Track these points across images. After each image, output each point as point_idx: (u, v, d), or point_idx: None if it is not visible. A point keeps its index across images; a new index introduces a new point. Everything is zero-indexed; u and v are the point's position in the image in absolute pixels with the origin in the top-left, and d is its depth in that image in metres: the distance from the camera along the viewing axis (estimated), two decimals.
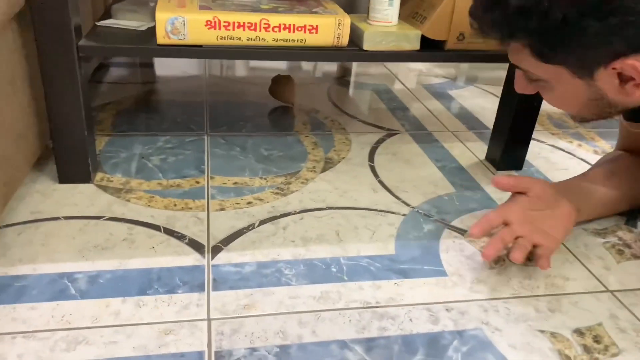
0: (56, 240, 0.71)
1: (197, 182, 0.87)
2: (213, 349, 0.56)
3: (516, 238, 0.68)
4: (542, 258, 0.68)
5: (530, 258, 0.69)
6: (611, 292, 0.69)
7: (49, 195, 0.80)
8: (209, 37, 0.76)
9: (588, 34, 0.55)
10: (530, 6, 0.56)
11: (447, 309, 0.64)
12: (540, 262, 0.68)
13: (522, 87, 0.70)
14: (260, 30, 0.77)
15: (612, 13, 0.54)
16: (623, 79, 0.59)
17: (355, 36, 0.84)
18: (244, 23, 0.76)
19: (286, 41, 0.79)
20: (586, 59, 0.59)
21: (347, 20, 0.79)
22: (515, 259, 0.66)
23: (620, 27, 0.54)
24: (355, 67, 1.56)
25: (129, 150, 0.96)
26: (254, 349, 0.56)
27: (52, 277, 0.64)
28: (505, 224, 0.68)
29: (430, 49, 0.86)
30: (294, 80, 1.19)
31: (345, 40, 0.81)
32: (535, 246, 0.68)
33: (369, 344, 0.58)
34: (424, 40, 0.85)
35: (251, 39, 0.77)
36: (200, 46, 0.77)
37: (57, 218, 0.75)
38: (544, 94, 0.68)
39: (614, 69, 0.58)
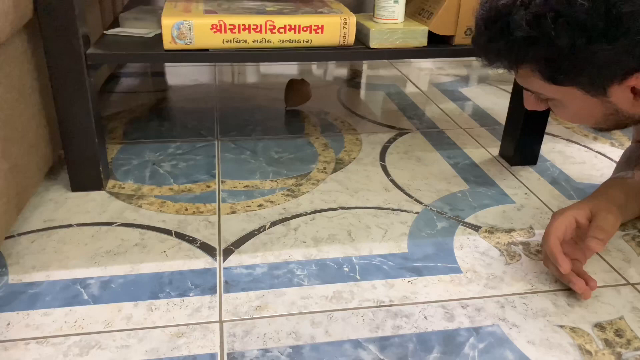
0: (69, 247, 0.71)
1: (208, 187, 0.87)
2: (225, 351, 0.55)
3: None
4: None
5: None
6: (632, 285, 0.67)
7: (62, 203, 0.81)
8: (215, 41, 0.77)
9: (598, 57, 0.54)
10: (536, 35, 0.55)
11: (462, 306, 0.62)
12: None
13: (532, 105, 0.68)
14: (265, 32, 0.77)
15: (622, 35, 0.53)
16: (637, 92, 0.58)
17: (362, 35, 0.84)
18: (249, 25, 0.76)
19: (292, 42, 0.78)
20: (598, 79, 0.58)
21: (352, 19, 0.79)
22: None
23: (631, 46, 0.53)
24: (365, 69, 1.55)
25: (140, 157, 0.96)
26: (266, 350, 0.55)
27: (65, 284, 0.64)
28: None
29: (438, 45, 0.85)
30: (309, 84, 1.19)
31: (351, 39, 0.80)
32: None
33: (383, 342, 0.57)
34: (431, 36, 0.84)
35: (257, 41, 0.77)
36: (207, 50, 0.78)
37: (70, 225, 0.76)
38: (556, 111, 0.66)
39: (628, 85, 0.57)
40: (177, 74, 1.45)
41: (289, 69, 1.52)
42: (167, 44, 0.76)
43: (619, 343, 0.58)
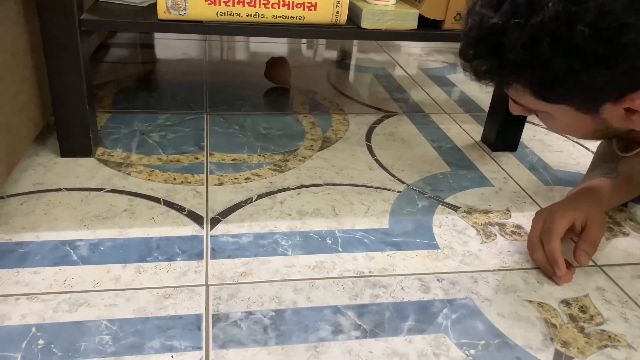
0: (58, 210, 0.72)
1: (196, 158, 0.88)
2: (210, 312, 0.57)
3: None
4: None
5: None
6: (599, 266, 0.71)
7: (51, 167, 0.82)
8: (209, 13, 0.78)
9: (595, 81, 0.52)
10: (529, 59, 0.52)
11: (438, 279, 0.65)
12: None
13: (518, 112, 0.66)
14: (259, 7, 0.78)
15: (623, 61, 0.50)
16: (629, 110, 0.56)
17: (354, 14, 0.85)
18: None
19: (285, 18, 0.80)
20: (592, 99, 0.56)
21: None
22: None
23: (629, 71, 0.51)
24: (355, 51, 1.57)
25: (129, 126, 0.97)
26: (250, 313, 0.58)
27: (55, 244, 0.66)
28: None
29: (428, 29, 0.87)
30: (289, 62, 1.20)
31: (343, 18, 0.82)
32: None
33: (361, 310, 0.60)
34: (422, 19, 0.86)
35: (250, 15, 0.78)
36: (200, 22, 0.78)
37: (59, 189, 0.77)
38: (545, 122, 0.65)
39: (622, 106, 0.56)
40: (167, 47, 1.45)
41: (280, 47, 1.52)
42: (162, 13, 0.77)
43: (583, 318, 0.61)
